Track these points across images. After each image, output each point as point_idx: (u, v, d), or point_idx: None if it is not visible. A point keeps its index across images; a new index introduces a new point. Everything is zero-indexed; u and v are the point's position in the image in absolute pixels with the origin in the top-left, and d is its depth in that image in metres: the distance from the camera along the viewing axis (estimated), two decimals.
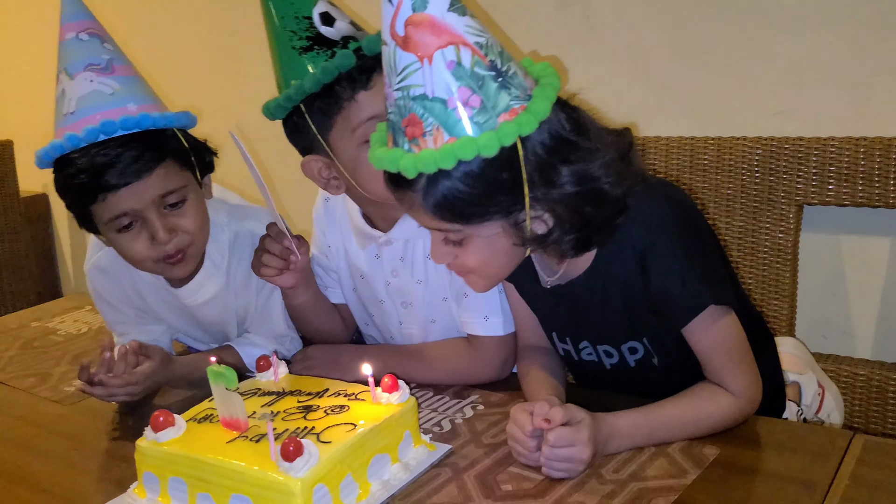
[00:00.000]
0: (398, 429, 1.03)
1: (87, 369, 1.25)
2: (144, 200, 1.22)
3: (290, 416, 1.02)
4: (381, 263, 1.36)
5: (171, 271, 1.30)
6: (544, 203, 1.00)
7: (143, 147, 1.21)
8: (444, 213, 0.99)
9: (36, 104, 3.21)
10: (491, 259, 1.06)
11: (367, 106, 1.19)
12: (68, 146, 1.19)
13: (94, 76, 1.23)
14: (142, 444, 1.01)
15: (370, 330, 1.47)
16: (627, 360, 1.16)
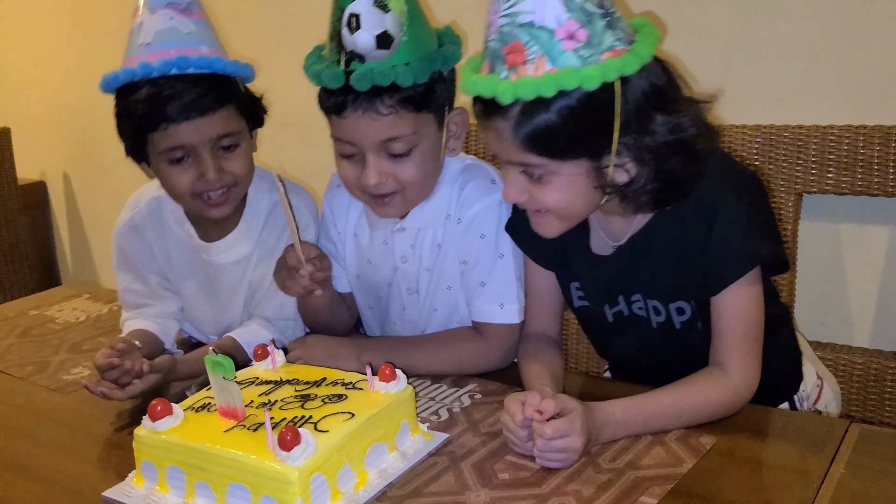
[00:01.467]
0: (395, 418, 1.04)
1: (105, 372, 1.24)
2: (202, 137, 1.28)
3: (287, 405, 1.02)
4: (391, 250, 1.37)
5: (208, 211, 1.34)
6: (632, 150, 1.02)
7: (210, 87, 1.28)
8: (533, 146, 1.01)
9: (34, 92, 3.21)
10: (569, 200, 1.07)
11: (334, 127, 1.23)
12: (140, 73, 1.26)
13: (174, 14, 1.30)
14: (140, 433, 1.01)
15: (372, 316, 1.47)
16: (674, 320, 1.17)
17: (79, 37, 2.97)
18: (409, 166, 1.23)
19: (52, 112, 3.15)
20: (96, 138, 3.03)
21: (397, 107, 1.17)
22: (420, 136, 1.22)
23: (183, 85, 1.26)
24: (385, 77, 1.14)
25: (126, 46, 1.32)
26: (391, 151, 1.21)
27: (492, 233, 1.30)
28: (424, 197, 1.31)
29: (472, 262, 1.32)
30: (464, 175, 1.33)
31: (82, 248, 3.24)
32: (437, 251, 1.34)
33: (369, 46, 1.14)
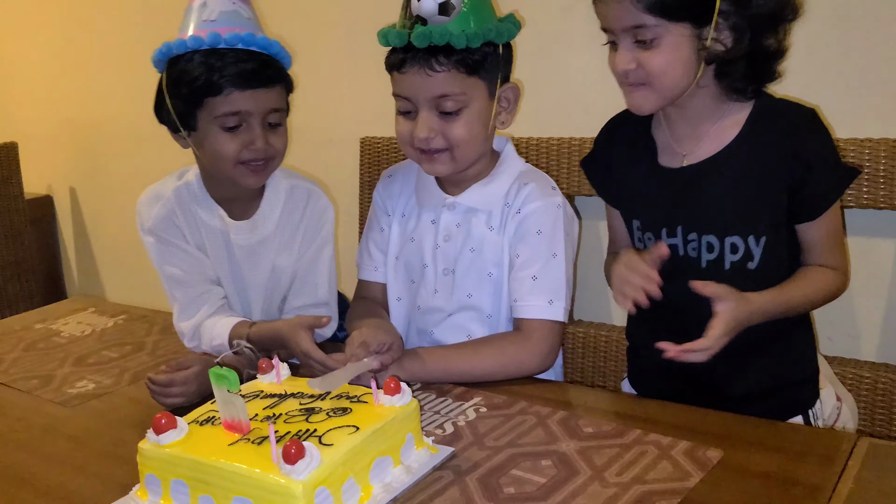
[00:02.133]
0: (400, 431, 1.03)
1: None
2: (259, 107, 1.38)
3: (291, 418, 1.02)
4: (436, 228, 1.43)
5: (248, 178, 1.41)
6: (730, 20, 1.15)
7: (270, 64, 1.40)
8: (649, 4, 1.13)
9: (41, 107, 3.22)
10: (672, 64, 1.17)
11: (395, 84, 1.35)
12: (208, 42, 1.36)
13: (236, 0, 1.41)
14: (144, 447, 1.01)
15: (399, 308, 1.50)
16: (725, 258, 1.24)
17: (85, 52, 2.99)
18: (457, 125, 1.32)
19: (59, 127, 3.16)
20: (103, 153, 3.05)
21: (450, 66, 1.29)
22: (470, 98, 1.32)
23: (247, 56, 1.37)
24: (441, 37, 1.27)
25: (184, 22, 1.41)
26: (442, 108, 1.32)
27: (549, 231, 1.37)
28: (472, 160, 1.38)
29: (525, 256, 1.37)
30: (527, 173, 1.42)
31: (88, 262, 3.25)
32: (487, 233, 1.39)
33: (432, 11, 1.28)
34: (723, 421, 1.07)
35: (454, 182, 1.43)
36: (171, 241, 1.47)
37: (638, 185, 1.32)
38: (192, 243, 1.48)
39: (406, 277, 1.49)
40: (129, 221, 2.97)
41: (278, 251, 1.50)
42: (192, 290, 1.45)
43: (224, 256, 1.49)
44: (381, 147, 2.15)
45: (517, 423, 1.15)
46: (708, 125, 1.25)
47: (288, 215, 1.50)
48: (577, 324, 1.93)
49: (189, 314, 1.44)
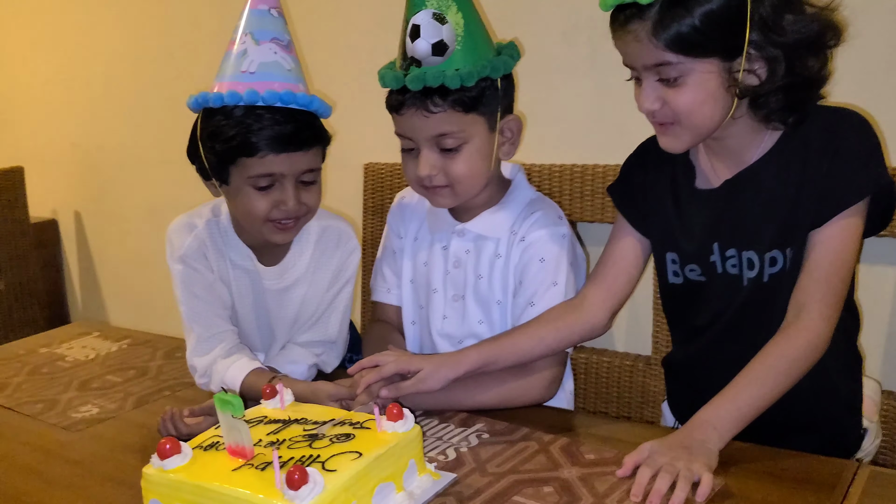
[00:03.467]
0: (403, 457, 1.04)
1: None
2: (293, 170, 1.36)
3: (295, 444, 1.03)
4: (446, 254, 1.45)
5: (276, 235, 1.41)
6: (763, 50, 1.09)
7: (307, 124, 1.37)
8: (670, 42, 1.08)
9: (46, 131, 3.25)
10: (701, 102, 1.12)
11: (396, 124, 1.37)
12: (247, 99, 1.33)
13: (277, 49, 1.38)
14: (148, 472, 1.01)
15: (414, 332, 1.52)
16: (764, 272, 1.19)
17: (91, 77, 3.03)
18: (458, 161, 1.35)
19: (65, 151, 3.19)
20: (107, 177, 3.07)
21: (446, 106, 1.31)
22: (469, 135, 1.34)
23: (284, 118, 1.34)
24: (435, 79, 1.28)
25: (223, 68, 1.39)
26: (442, 146, 1.34)
27: (552, 260, 1.38)
28: (474, 193, 1.40)
29: (526, 283, 1.38)
30: (536, 202, 1.44)
31: (92, 286, 3.26)
32: (495, 261, 1.41)
33: (425, 53, 1.30)
34: (726, 449, 1.07)
35: (464, 209, 1.45)
36: (201, 272, 1.45)
37: (675, 213, 1.28)
38: (220, 278, 1.48)
39: (418, 302, 1.51)
40: (132, 246, 3.01)
41: (307, 288, 1.50)
42: (210, 326, 1.44)
43: (251, 295, 1.49)
44: (384, 172, 2.17)
45: (519, 450, 1.16)
46: (749, 152, 1.20)
47: (318, 257, 1.50)
48: (579, 350, 1.93)
49: (204, 350, 1.42)
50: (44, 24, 3.14)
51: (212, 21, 2.54)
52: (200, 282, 1.44)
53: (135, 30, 2.83)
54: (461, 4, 1.32)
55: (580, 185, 1.86)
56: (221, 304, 1.46)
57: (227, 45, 1.40)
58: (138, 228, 2.99)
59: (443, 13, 1.31)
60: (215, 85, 1.38)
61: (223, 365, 1.39)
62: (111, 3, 2.88)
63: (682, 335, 1.37)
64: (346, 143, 2.37)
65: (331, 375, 1.50)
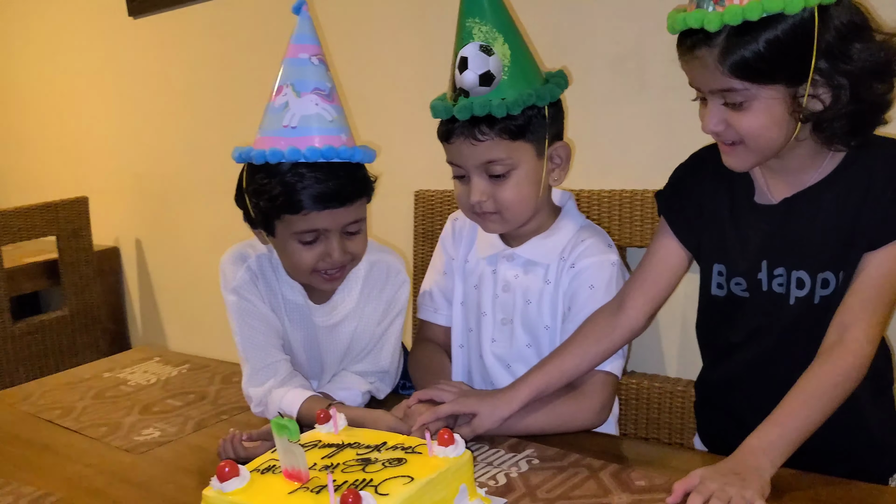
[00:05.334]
0: (454, 482, 1.05)
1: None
2: (337, 224, 1.38)
3: (349, 468, 1.05)
4: (495, 277, 1.47)
5: (323, 284, 1.44)
6: (829, 77, 1.09)
7: (350, 178, 1.37)
8: (736, 69, 1.09)
9: (109, 162, 3.37)
10: (765, 126, 1.13)
11: (447, 152, 1.41)
12: (289, 157, 1.33)
13: (319, 100, 1.37)
14: (208, 494, 1.04)
15: (462, 355, 1.55)
16: (815, 293, 1.19)
17: (153, 109, 3.13)
18: (507, 187, 1.38)
19: (127, 181, 3.30)
20: (168, 205, 3.16)
21: (493, 135, 1.34)
22: (517, 162, 1.37)
23: (326, 175, 1.34)
24: (482, 108, 1.32)
25: (265, 121, 1.39)
26: (491, 173, 1.37)
27: (602, 286, 1.39)
28: (524, 219, 1.43)
29: (575, 310, 1.40)
30: (586, 229, 1.46)
31: (152, 312, 3.35)
32: (545, 286, 1.43)
33: (473, 83, 1.33)
34: (779, 477, 1.06)
35: (514, 235, 1.47)
36: (254, 303, 1.47)
37: (731, 225, 1.28)
38: (273, 312, 1.50)
39: (469, 321, 1.53)
40: (191, 272, 3.09)
41: (357, 323, 1.52)
42: (265, 356, 1.45)
43: (302, 330, 1.52)
44: (435, 200, 2.19)
45: (569, 476, 1.17)
46: (809, 173, 1.21)
47: (368, 293, 1.51)
48: (630, 375, 1.93)
49: (260, 380, 1.44)
50: (108, 58, 3.25)
51: (271, 56, 2.61)
52: (254, 312, 1.47)
53: (197, 63, 2.92)
54: (507, 36, 1.36)
55: (629, 211, 1.86)
56: (275, 334, 1.48)
57: (270, 96, 1.40)
58: (196, 256, 3.07)
59: (489, 45, 1.34)
60: (258, 137, 1.39)
61: (279, 393, 1.41)
62: (174, 37, 2.98)
63: (715, 353, 1.37)
64: (397, 171, 2.41)
65: (383, 401, 1.52)
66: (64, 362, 2.97)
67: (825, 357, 1.14)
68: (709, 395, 1.41)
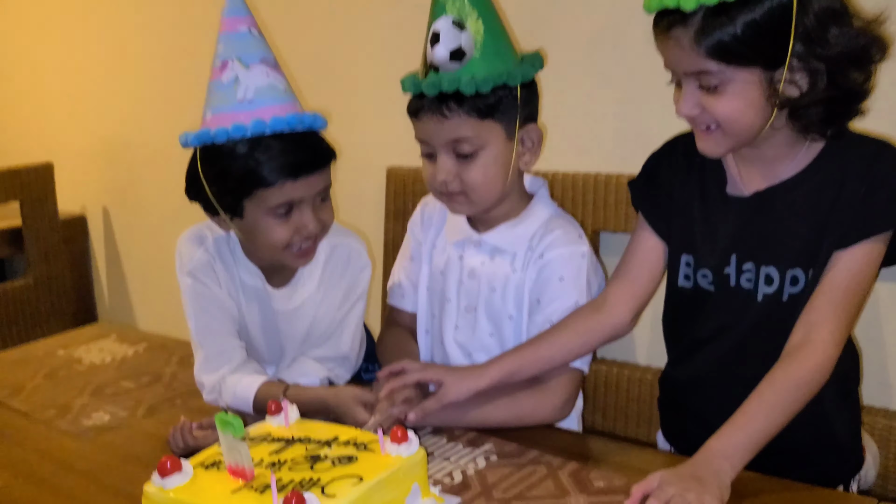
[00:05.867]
0: (406, 481, 1.02)
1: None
2: (311, 191, 1.34)
3: (296, 465, 1.01)
4: (462, 263, 1.44)
5: (297, 261, 1.40)
6: (806, 61, 1.07)
7: (317, 145, 1.36)
8: (711, 50, 1.06)
9: (75, 126, 3.28)
10: (741, 110, 1.10)
11: (415, 129, 1.37)
12: (253, 130, 1.28)
13: (269, 71, 1.34)
14: (149, 490, 1.00)
15: (427, 341, 1.52)
16: (784, 291, 1.18)
17: (121, 72, 3.05)
18: (474, 168, 1.34)
19: (93, 146, 3.22)
20: (136, 173, 3.09)
21: (461, 112, 1.30)
22: (485, 142, 1.33)
23: (294, 144, 1.31)
24: (451, 84, 1.28)
25: (213, 99, 1.33)
26: (458, 151, 1.33)
27: (571, 278, 1.36)
28: (491, 201, 1.39)
29: (544, 302, 1.36)
30: (556, 219, 1.42)
31: (119, 284, 3.30)
32: (511, 275, 1.40)
33: (443, 59, 1.29)
34: (739, 481, 1.04)
35: (482, 220, 1.44)
36: (210, 287, 1.43)
37: (701, 216, 1.26)
38: (230, 297, 1.46)
39: (433, 307, 1.50)
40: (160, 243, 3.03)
41: (317, 307, 1.48)
42: (219, 341, 1.41)
43: (260, 314, 1.48)
44: (407, 177, 2.15)
45: (527, 474, 1.14)
46: (785, 164, 1.19)
47: (329, 276, 1.48)
48: (599, 362, 1.91)
49: (213, 367, 1.40)
50: (73, 19, 3.16)
51: None
52: (209, 297, 1.42)
53: (166, 27, 2.84)
54: (482, 12, 1.31)
55: (603, 195, 1.83)
56: (230, 320, 1.44)
57: (212, 74, 1.34)
58: (165, 227, 3.00)
59: (463, 20, 1.30)
60: (209, 117, 1.33)
61: (233, 380, 1.37)
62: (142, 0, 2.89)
63: (681, 350, 1.34)
64: (368, 148, 2.36)
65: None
66: (28, 332, 2.92)
67: (790, 358, 1.12)
68: (672, 393, 1.39)
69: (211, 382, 1.39)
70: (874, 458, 1.35)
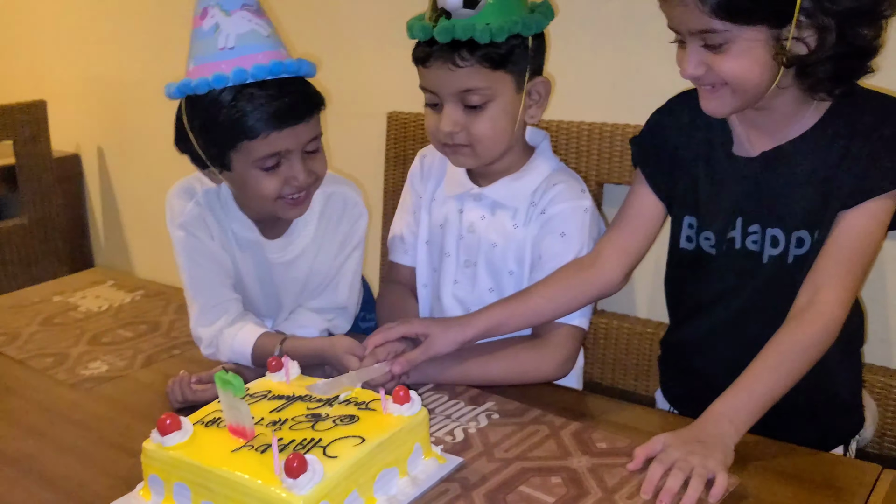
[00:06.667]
0: (407, 441, 1.02)
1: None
2: (298, 143, 1.29)
3: (297, 424, 1.01)
4: (462, 217, 1.41)
5: (290, 211, 1.35)
6: (814, 18, 1.03)
7: (303, 92, 1.30)
8: (717, 9, 1.03)
9: (69, 65, 3.21)
10: (747, 68, 1.08)
11: (421, 77, 1.33)
12: (234, 79, 1.24)
13: (251, 16, 1.28)
14: (148, 447, 1.00)
15: (425, 295, 1.50)
16: (789, 252, 1.16)
17: (116, 10, 2.97)
18: (482, 120, 1.30)
19: (87, 85, 3.16)
20: (131, 114, 3.04)
21: (474, 61, 1.26)
22: (495, 93, 1.30)
23: (278, 92, 1.26)
24: (465, 32, 1.24)
25: (195, 48, 1.29)
26: (467, 102, 1.30)
27: (573, 234, 1.33)
28: (496, 155, 1.36)
29: (545, 258, 1.34)
30: (558, 173, 1.38)
31: (115, 225, 3.27)
32: (512, 230, 1.37)
33: (456, 5, 1.25)
34: (742, 445, 1.03)
35: (483, 174, 1.41)
36: (202, 239, 1.40)
37: (706, 176, 1.24)
38: (223, 250, 1.42)
39: (432, 262, 1.48)
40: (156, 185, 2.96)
41: (314, 257, 1.45)
42: (214, 294, 1.39)
43: (255, 267, 1.45)
44: (408, 122, 2.11)
45: (529, 434, 1.13)
46: (792, 123, 1.16)
47: (325, 225, 1.44)
48: (599, 314, 1.89)
49: (209, 320, 1.38)
50: None
51: None
52: (202, 249, 1.39)
53: None
54: None
55: (609, 146, 1.79)
56: (225, 273, 1.41)
57: (193, 22, 1.29)
58: (161, 167, 2.94)
59: None
60: (191, 67, 1.28)
61: (230, 332, 1.35)
62: None
63: (685, 312, 1.33)
64: (369, 92, 2.32)
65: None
66: (23, 272, 2.90)
67: (795, 320, 1.10)
68: (675, 354, 1.38)
69: (208, 335, 1.37)
70: (873, 416, 1.35)
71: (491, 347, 1.31)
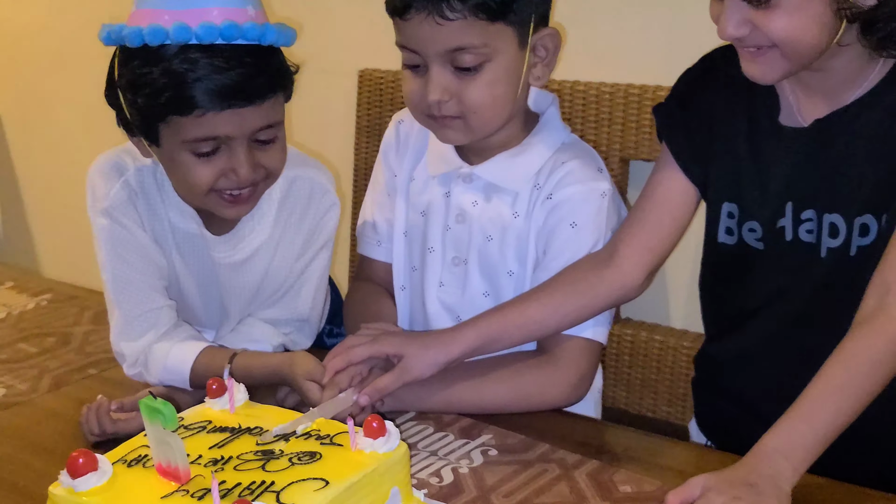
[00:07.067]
0: (383, 485, 1.01)
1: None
2: (244, 130, 1.28)
3: (244, 464, 1.00)
4: (448, 203, 1.41)
5: (226, 209, 1.35)
6: None
7: (260, 67, 1.27)
8: None
9: None
10: (801, 26, 1.09)
11: (398, 32, 1.32)
12: (174, 37, 1.22)
13: None
14: (56, 492, 0.99)
15: (404, 299, 1.50)
16: (851, 243, 1.17)
17: None
18: (476, 85, 1.29)
19: None
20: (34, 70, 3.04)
21: (466, 12, 1.25)
22: (493, 51, 1.28)
23: (227, 61, 1.24)
24: None
25: None
26: (458, 64, 1.29)
27: (587, 224, 1.34)
28: (494, 128, 1.35)
29: (552, 254, 1.35)
30: (569, 147, 1.39)
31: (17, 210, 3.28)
32: (511, 220, 1.37)
33: None
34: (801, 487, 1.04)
35: (475, 149, 1.41)
36: (131, 230, 1.39)
37: (748, 153, 1.25)
38: (154, 239, 1.42)
39: (413, 259, 1.48)
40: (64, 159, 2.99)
41: (271, 258, 1.45)
42: (142, 300, 1.38)
43: (196, 266, 1.45)
44: (383, 81, 2.13)
45: (535, 475, 1.14)
46: (850, 89, 1.18)
47: (286, 218, 1.44)
48: (623, 323, 1.91)
49: (134, 333, 1.37)
50: None
51: None
52: (130, 243, 1.39)
53: None
54: None
55: (636, 112, 1.81)
56: (156, 272, 1.41)
57: None
58: (73, 139, 2.97)
59: None
60: (134, 11, 1.27)
61: (161, 348, 1.35)
62: None
63: (725, 321, 1.35)
64: (338, 46, 2.33)
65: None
66: None
67: (863, 328, 1.11)
68: (712, 374, 1.40)
69: (133, 352, 1.37)
70: None
71: (486, 366, 1.32)
